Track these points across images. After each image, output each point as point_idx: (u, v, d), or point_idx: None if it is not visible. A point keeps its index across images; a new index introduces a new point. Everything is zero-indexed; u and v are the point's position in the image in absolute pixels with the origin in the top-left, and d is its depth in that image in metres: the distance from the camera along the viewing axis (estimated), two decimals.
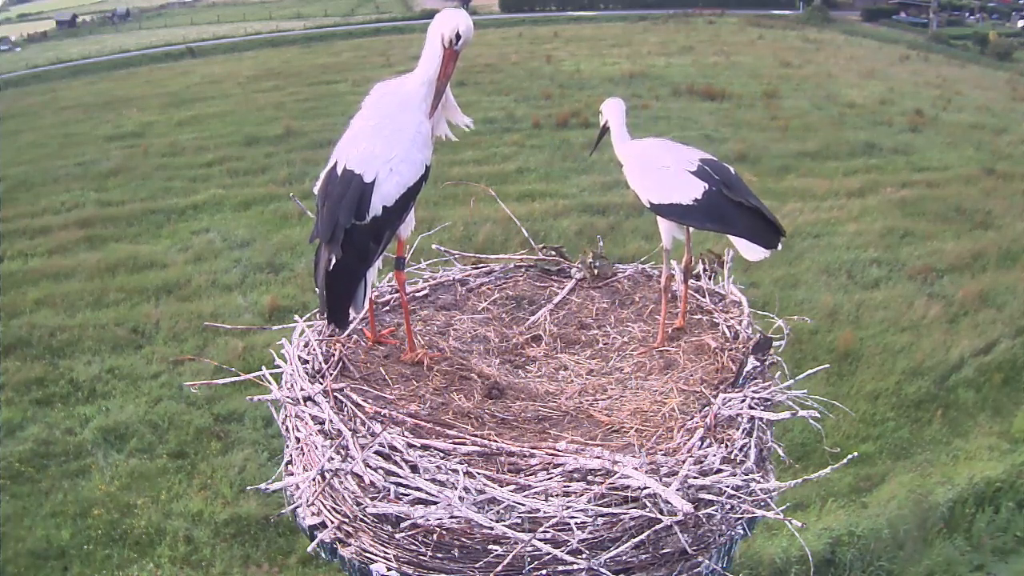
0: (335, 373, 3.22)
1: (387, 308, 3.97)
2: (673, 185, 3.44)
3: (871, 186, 18.28)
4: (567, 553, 2.54)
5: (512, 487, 2.67)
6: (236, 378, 3.50)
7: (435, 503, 2.63)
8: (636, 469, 2.69)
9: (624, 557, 2.61)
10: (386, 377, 3.31)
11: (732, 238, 3.48)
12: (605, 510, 2.62)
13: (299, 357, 3.34)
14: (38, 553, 8.20)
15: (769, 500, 2.84)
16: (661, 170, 3.50)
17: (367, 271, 3.15)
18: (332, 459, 2.80)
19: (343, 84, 28.77)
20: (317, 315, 3.51)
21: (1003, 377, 11.19)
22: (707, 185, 3.38)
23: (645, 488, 2.63)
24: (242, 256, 14.82)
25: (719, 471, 2.81)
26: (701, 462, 2.82)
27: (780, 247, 3.42)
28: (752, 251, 3.43)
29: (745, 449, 2.93)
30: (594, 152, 4.19)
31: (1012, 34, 44.68)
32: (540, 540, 2.54)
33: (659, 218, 3.60)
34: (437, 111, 3.22)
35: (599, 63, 32.00)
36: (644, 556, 2.64)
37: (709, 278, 4.11)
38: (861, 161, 20.30)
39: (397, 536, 2.66)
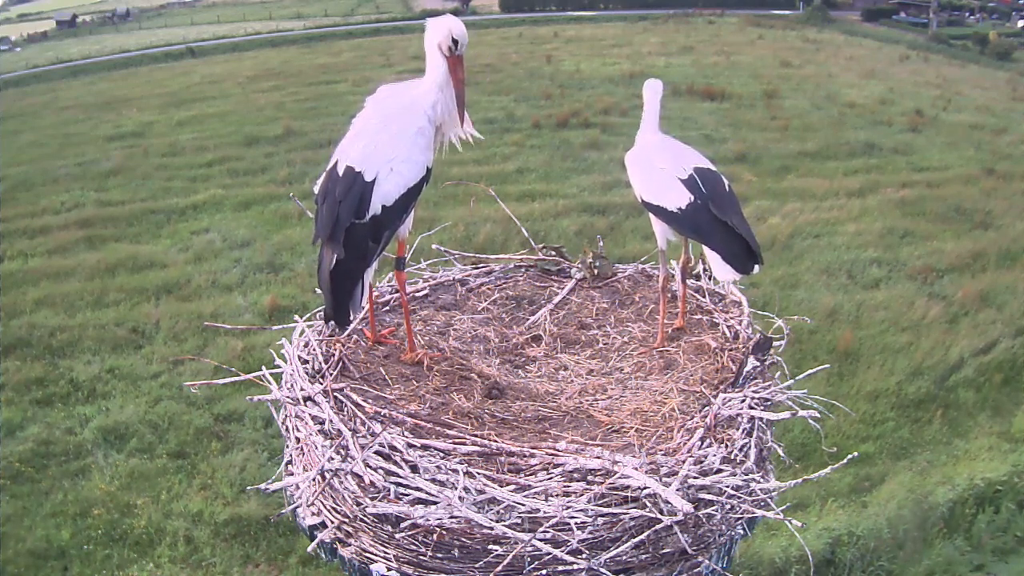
0: (335, 373, 3.22)
1: (387, 308, 3.97)
2: (663, 189, 3.48)
3: (871, 186, 18.26)
4: (567, 553, 2.54)
5: (512, 487, 2.67)
6: (236, 378, 3.49)
7: (435, 503, 2.63)
8: (636, 469, 2.69)
9: (624, 557, 2.61)
10: (386, 377, 3.31)
11: (707, 254, 3.48)
12: (605, 510, 2.62)
13: (299, 357, 3.34)
14: (38, 553, 8.19)
15: (769, 500, 2.84)
16: (657, 171, 3.54)
17: (366, 271, 3.15)
18: (332, 459, 2.79)
19: (343, 84, 28.77)
20: (320, 315, 3.51)
21: (1003, 377, 11.16)
22: (693, 197, 3.39)
23: (645, 488, 2.63)
24: (242, 256, 14.80)
25: (719, 471, 2.81)
26: (701, 462, 2.82)
27: (757, 271, 3.38)
28: (724, 271, 3.39)
29: (745, 449, 2.93)
30: None
31: (1012, 34, 44.69)
32: (540, 540, 2.54)
33: (652, 219, 3.63)
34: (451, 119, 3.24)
35: (599, 63, 31.98)
36: (644, 556, 2.64)
37: (709, 278, 4.11)
38: (861, 161, 20.28)
39: (397, 536, 2.66)
